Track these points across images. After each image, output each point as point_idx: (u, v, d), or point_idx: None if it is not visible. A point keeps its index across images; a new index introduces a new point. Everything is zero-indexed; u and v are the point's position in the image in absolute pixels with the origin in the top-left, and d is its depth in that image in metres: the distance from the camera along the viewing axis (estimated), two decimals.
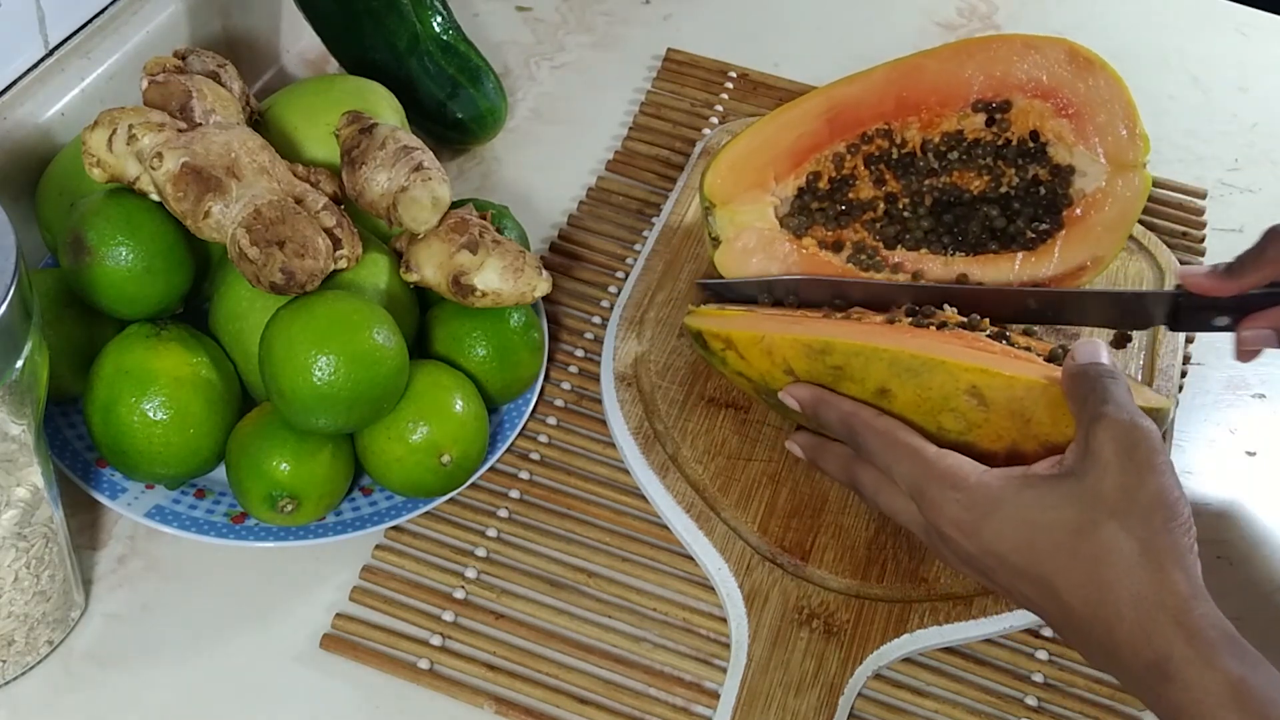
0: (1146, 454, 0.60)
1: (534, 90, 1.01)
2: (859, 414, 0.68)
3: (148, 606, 0.71)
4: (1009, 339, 0.71)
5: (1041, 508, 0.60)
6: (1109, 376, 0.63)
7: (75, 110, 0.82)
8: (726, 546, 0.73)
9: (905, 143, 0.80)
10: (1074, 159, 0.78)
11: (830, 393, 0.69)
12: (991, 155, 0.79)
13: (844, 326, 0.71)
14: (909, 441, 0.65)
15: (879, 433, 0.66)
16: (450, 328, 0.76)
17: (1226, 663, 0.55)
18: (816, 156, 0.80)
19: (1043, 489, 0.61)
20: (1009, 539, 0.61)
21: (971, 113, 0.79)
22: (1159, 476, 0.60)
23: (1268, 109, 1.06)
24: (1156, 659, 0.57)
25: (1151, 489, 0.59)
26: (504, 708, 0.68)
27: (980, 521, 0.61)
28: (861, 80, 0.80)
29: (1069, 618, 0.60)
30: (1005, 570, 0.61)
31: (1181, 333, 0.85)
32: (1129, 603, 0.58)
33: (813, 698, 0.68)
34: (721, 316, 0.74)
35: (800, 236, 0.79)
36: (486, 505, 0.76)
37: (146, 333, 0.71)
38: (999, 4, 1.12)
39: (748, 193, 0.79)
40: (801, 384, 0.70)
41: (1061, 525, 0.60)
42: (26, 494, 0.61)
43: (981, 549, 0.62)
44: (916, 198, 0.80)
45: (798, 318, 0.73)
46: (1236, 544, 0.79)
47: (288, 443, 0.69)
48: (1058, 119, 0.78)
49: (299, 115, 0.81)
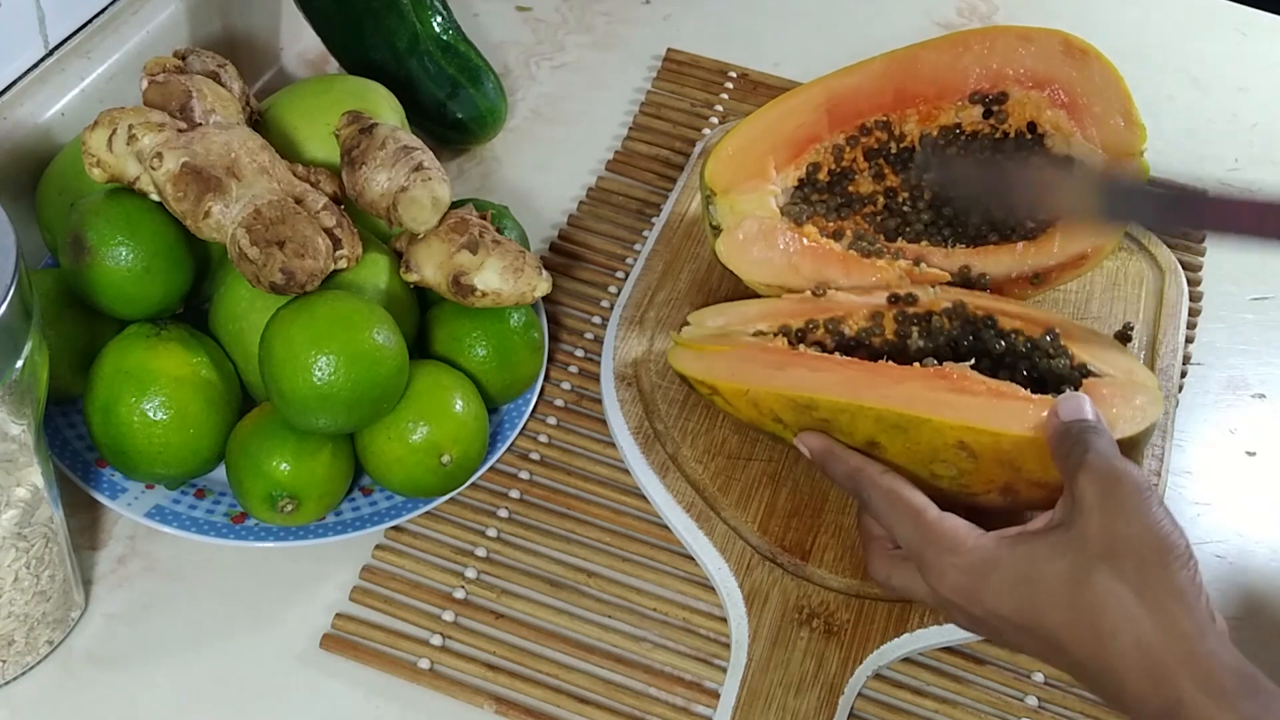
0: (1129, 493, 0.60)
1: (534, 90, 1.01)
2: (865, 471, 0.68)
3: (148, 606, 0.71)
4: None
5: (1035, 562, 0.60)
6: (1091, 430, 0.63)
7: (75, 110, 0.82)
8: (726, 546, 0.73)
9: (904, 136, 0.80)
10: (1072, 149, 0.78)
11: (840, 446, 0.69)
12: (990, 149, 0.79)
13: (826, 378, 0.70)
14: (911, 501, 0.65)
15: (884, 492, 0.66)
16: (450, 328, 0.76)
17: (1239, 706, 0.54)
18: (816, 147, 0.80)
19: (1035, 544, 0.61)
20: (1008, 599, 0.60)
21: (969, 104, 0.79)
22: (1145, 514, 0.59)
23: (1268, 109, 1.06)
24: (1166, 707, 0.55)
25: (1137, 527, 0.59)
26: (504, 708, 0.68)
27: (980, 585, 0.61)
28: (859, 71, 0.80)
29: (1080, 671, 0.59)
30: (1012, 630, 0.61)
31: (1181, 331, 0.85)
32: (1133, 649, 0.57)
33: (813, 697, 0.68)
34: (703, 356, 0.73)
35: (801, 225, 0.79)
36: (486, 505, 0.76)
37: (146, 333, 0.71)
38: (999, 4, 1.12)
39: (748, 182, 0.79)
40: (813, 434, 0.70)
41: (1056, 578, 0.59)
42: (26, 494, 0.61)
43: (985, 612, 0.61)
44: (916, 192, 0.80)
45: (781, 359, 0.71)
46: (1236, 544, 0.79)
47: (288, 443, 0.69)
48: (1054, 109, 0.78)
49: (299, 115, 0.81)
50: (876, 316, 0.74)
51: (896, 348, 0.73)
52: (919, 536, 0.64)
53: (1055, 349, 0.71)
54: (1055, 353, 0.71)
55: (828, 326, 0.74)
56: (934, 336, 0.73)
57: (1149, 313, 0.85)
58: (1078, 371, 0.70)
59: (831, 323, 0.74)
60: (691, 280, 0.84)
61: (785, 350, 0.72)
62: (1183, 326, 0.85)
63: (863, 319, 0.74)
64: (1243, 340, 0.90)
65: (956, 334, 0.73)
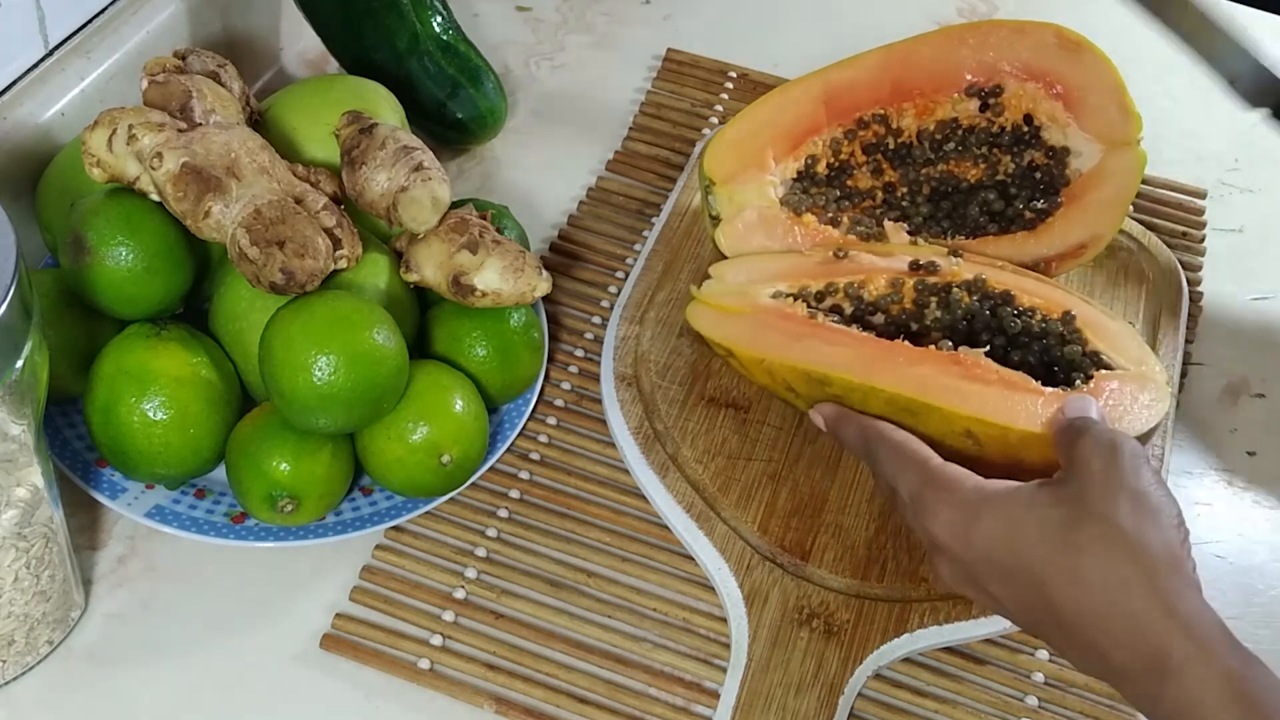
0: (1128, 458, 0.61)
1: (534, 90, 1.01)
2: (876, 426, 0.68)
3: (148, 606, 0.71)
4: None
5: (1030, 505, 0.61)
6: (1094, 422, 0.65)
7: (75, 110, 0.82)
8: (726, 546, 0.73)
9: (902, 131, 0.80)
10: (1068, 140, 0.79)
11: (853, 411, 0.70)
12: (987, 143, 0.80)
13: (842, 354, 0.70)
14: (918, 451, 0.66)
15: (892, 445, 0.67)
16: (450, 328, 0.76)
17: (1226, 659, 0.55)
18: (814, 140, 0.80)
19: (1033, 491, 0.62)
20: (997, 537, 0.61)
21: (965, 98, 0.79)
22: (1143, 477, 0.60)
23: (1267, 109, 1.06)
24: (1153, 653, 0.56)
25: (1136, 487, 0.60)
26: (504, 708, 0.68)
27: (970, 523, 0.62)
28: (856, 64, 0.81)
29: (1060, 620, 0.59)
30: (995, 574, 0.61)
31: (1181, 331, 0.85)
32: (1119, 592, 0.57)
33: (813, 698, 0.68)
34: (722, 317, 0.74)
35: (800, 215, 0.79)
36: (486, 505, 0.76)
37: (146, 333, 0.71)
38: (999, 4, 1.12)
39: (747, 172, 0.79)
40: (828, 403, 0.71)
41: (1048, 520, 0.60)
42: (26, 494, 0.61)
43: (971, 551, 0.62)
44: (914, 186, 0.80)
45: (799, 328, 0.72)
46: (1236, 544, 0.79)
47: (288, 443, 0.69)
48: (1050, 101, 0.78)
49: (299, 115, 0.81)
50: (897, 284, 0.74)
51: (914, 316, 0.74)
52: (919, 480, 0.64)
53: (1070, 334, 0.71)
54: (1069, 338, 0.71)
55: (847, 291, 0.74)
56: (952, 309, 0.73)
57: (1149, 313, 0.86)
58: (1089, 360, 0.70)
59: (851, 287, 0.74)
60: (692, 280, 0.84)
61: (803, 319, 0.73)
62: (1183, 326, 0.86)
63: (883, 285, 0.74)
64: (1243, 340, 0.90)
65: (974, 309, 0.73)
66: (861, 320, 0.74)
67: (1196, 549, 0.60)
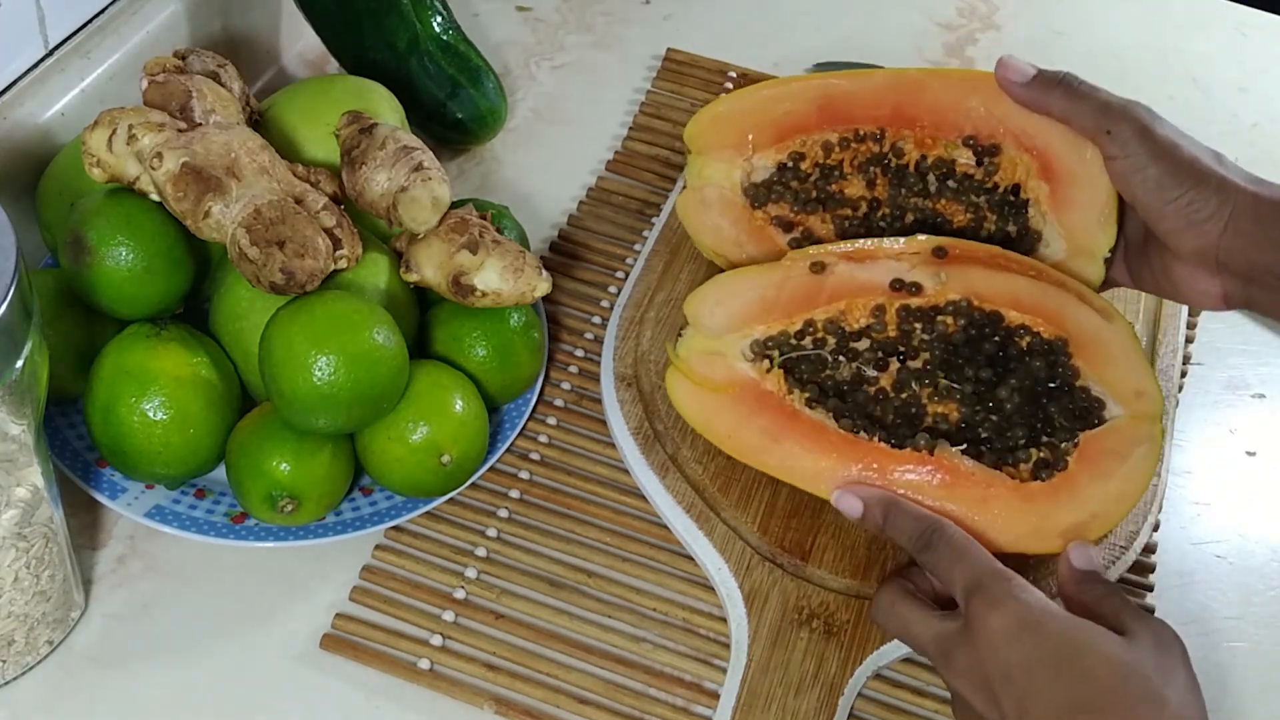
0: (1184, 652, 0.61)
1: (534, 90, 1.01)
2: (942, 526, 0.67)
3: (148, 606, 0.71)
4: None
5: (1095, 642, 0.60)
6: (1117, 587, 0.66)
7: (75, 110, 0.82)
8: (726, 546, 0.73)
9: (902, 152, 0.79)
10: (1045, 227, 0.76)
11: (904, 499, 0.69)
12: (983, 195, 0.77)
13: (818, 465, 0.70)
14: (982, 550, 0.65)
15: (961, 539, 0.66)
16: (450, 328, 0.76)
17: None
18: (802, 139, 0.79)
19: (1104, 634, 0.61)
20: (1068, 629, 0.60)
21: (961, 145, 0.77)
22: (1187, 675, 0.61)
23: (1268, 109, 1.06)
24: None
25: (1192, 680, 0.60)
26: (504, 708, 0.68)
27: (1030, 632, 0.60)
28: (861, 79, 0.80)
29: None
30: (1028, 691, 0.60)
31: (1181, 331, 0.85)
32: None
33: (813, 698, 0.68)
34: (700, 396, 0.73)
35: (756, 208, 0.79)
36: (486, 505, 0.76)
37: (146, 333, 0.71)
38: (999, 4, 1.12)
39: (723, 150, 0.79)
40: (865, 486, 0.70)
41: (1107, 660, 0.59)
42: (26, 494, 0.61)
43: (1007, 655, 0.60)
44: (896, 211, 0.78)
45: (777, 424, 0.71)
46: (1236, 544, 0.79)
47: (288, 443, 0.69)
48: (1039, 181, 0.76)
49: (299, 115, 0.82)
50: (878, 312, 0.73)
51: (900, 341, 0.72)
52: (990, 569, 0.63)
53: (1061, 371, 0.70)
54: (1059, 379, 0.70)
55: (826, 328, 0.73)
56: (938, 338, 0.72)
57: (1149, 313, 0.85)
58: (1078, 412, 0.70)
59: (830, 324, 0.73)
60: (691, 280, 0.84)
61: (782, 406, 0.71)
62: (1183, 326, 0.85)
63: (865, 314, 0.73)
64: (1243, 340, 0.90)
65: (960, 338, 0.72)
66: (846, 351, 0.72)
67: (1197, 549, 0.60)
